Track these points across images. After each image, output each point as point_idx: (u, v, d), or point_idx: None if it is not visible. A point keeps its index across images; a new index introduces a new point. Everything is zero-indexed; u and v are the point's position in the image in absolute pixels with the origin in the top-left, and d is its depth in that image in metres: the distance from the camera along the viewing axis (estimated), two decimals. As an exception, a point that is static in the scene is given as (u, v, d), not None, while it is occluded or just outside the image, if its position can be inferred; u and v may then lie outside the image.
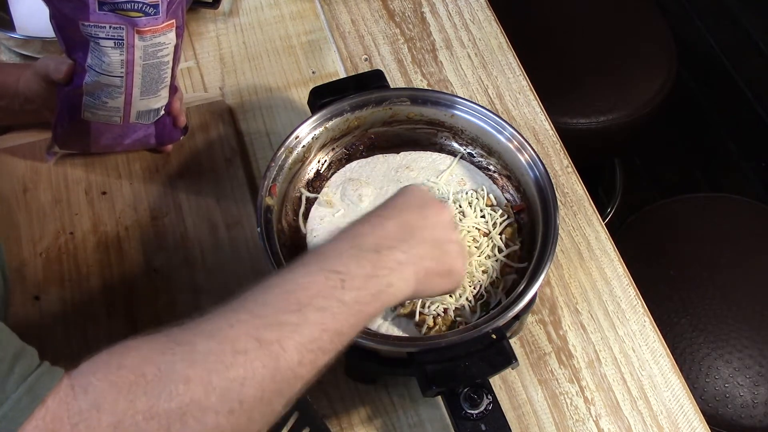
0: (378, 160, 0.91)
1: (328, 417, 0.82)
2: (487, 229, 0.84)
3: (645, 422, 0.83)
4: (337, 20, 1.14)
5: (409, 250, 0.63)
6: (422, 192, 0.70)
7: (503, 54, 1.12)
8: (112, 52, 0.80)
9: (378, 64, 1.10)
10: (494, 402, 0.70)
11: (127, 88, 0.84)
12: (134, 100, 0.86)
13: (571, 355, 0.87)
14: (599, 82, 1.46)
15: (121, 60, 0.81)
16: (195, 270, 0.89)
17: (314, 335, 0.55)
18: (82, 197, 0.94)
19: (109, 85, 0.83)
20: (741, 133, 2.05)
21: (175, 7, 0.81)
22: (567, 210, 0.97)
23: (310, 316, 0.55)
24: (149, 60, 0.82)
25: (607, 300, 0.91)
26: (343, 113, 0.88)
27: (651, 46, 1.51)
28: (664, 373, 0.86)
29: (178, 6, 0.82)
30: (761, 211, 1.33)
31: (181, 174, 0.97)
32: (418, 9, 1.16)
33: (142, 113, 0.89)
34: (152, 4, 0.78)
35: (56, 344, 0.83)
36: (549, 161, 1.01)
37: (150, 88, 0.86)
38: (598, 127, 1.42)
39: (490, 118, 0.88)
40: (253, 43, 1.12)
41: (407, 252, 0.62)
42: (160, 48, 0.82)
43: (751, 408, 1.12)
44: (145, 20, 0.78)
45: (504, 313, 0.73)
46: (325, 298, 0.57)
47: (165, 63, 0.85)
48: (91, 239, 0.91)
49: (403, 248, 0.62)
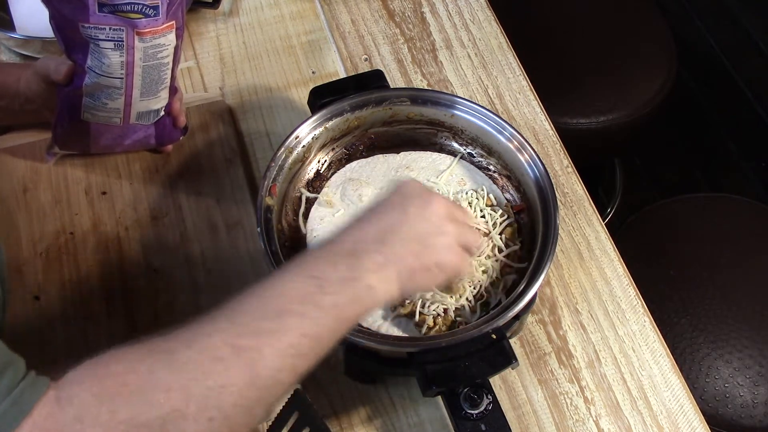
0: (378, 160, 0.91)
1: (328, 417, 0.82)
2: (487, 229, 0.84)
3: (645, 422, 0.83)
4: (337, 20, 1.14)
5: (388, 251, 0.62)
6: (411, 187, 0.68)
7: (503, 54, 1.12)
8: (112, 54, 0.80)
9: (378, 64, 1.10)
10: (494, 402, 0.70)
11: (127, 90, 0.84)
12: (134, 101, 0.86)
13: (571, 355, 0.87)
14: (599, 82, 1.46)
15: (121, 61, 0.81)
16: (195, 270, 0.89)
17: (293, 341, 0.55)
18: (82, 197, 0.94)
19: (109, 87, 0.83)
20: (741, 133, 2.05)
21: (175, 9, 0.81)
22: (567, 210, 0.97)
23: (287, 322, 0.55)
24: (149, 61, 0.82)
25: (607, 300, 0.91)
26: (343, 113, 0.88)
27: (651, 46, 1.51)
28: (664, 373, 0.86)
29: (178, 7, 0.81)
30: (761, 211, 1.33)
31: (181, 174, 0.97)
32: (418, 9, 1.16)
33: (142, 114, 0.89)
34: (152, 6, 0.78)
35: (56, 344, 0.83)
36: (549, 161, 1.01)
37: (150, 89, 0.86)
38: (598, 127, 1.42)
39: (490, 118, 0.88)
40: (253, 43, 1.12)
41: (385, 253, 0.62)
42: (160, 49, 0.82)
43: (751, 408, 1.12)
44: (145, 22, 0.78)
45: (504, 313, 0.73)
46: (303, 303, 0.56)
47: (165, 64, 0.84)
48: (91, 239, 0.91)
49: (381, 249, 0.62)
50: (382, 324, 0.79)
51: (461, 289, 0.79)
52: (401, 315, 0.79)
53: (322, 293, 0.57)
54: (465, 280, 0.80)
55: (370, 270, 0.60)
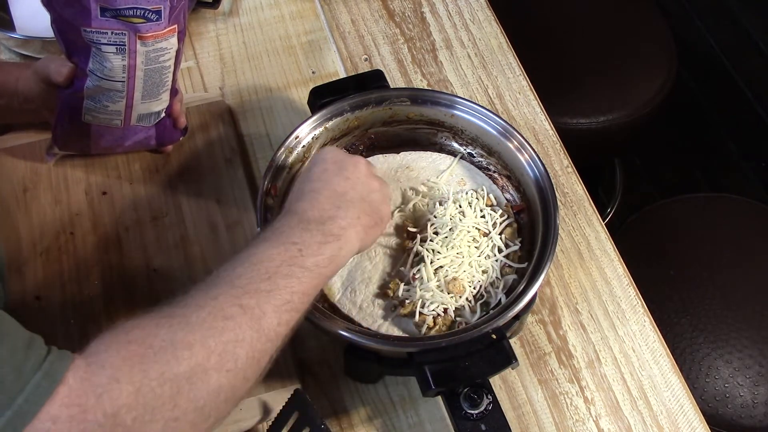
0: (378, 160, 0.91)
1: (328, 417, 0.82)
2: (486, 229, 0.84)
3: (645, 422, 0.83)
4: (337, 20, 1.14)
5: (346, 215, 0.71)
6: (333, 154, 0.77)
7: (503, 54, 1.12)
8: (114, 58, 0.80)
9: (378, 64, 1.10)
10: (494, 402, 0.70)
11: (128, 93, 0.84)
12: (135, 103, 0.86)
13: (571, 355, 0.87)
14: (599, 82, 1.46)
15: (123, 65, 0.80)
16: (195, 270, 0.89)
17: (286, 298, 0.63)
18: (82, 197, 0.94)
19: (111, 90, 0.83)
20: (741, 133, 2.05)
21: (177, 13, 0.81)
22: (567, 210, 0.97)
23: (279, 282, 0.63)
24: (151, 65, 0.82)
25: (607, 300, 0.91)
26: (343, 113, 0.88)
27: (651, 46, 1.51)
28: (664, 373, 0.86)
29: (180, 11, 0.81)
30: (761, 211, 1.33)
31: (181, 174, 0.97)
32: (418, 9, 1.16)
33: (143, 116, 0.89)
34: (155, 11, 0.77)
35: (56, 344, 0.83)
36: (549, 161, 1.01)
37: (151, 91, 0.86)
38: (598, 127, 1.42)
39: (490, 118, 0.88)
40: (253, 43, 1.12)
41: (345, 217, 0.71)
42: (162, 53, 0.82)
43: (751, 408, 1.12)
44: (148, 26, 0.78)
45: (504, 313, 0.73)
46: (289, 266, 0.64)
47: (167, 67, 0.84)
48: (91, 239, 0.91)
49: (341, 215, 0.70)
50: (382, 324, 0.79)
51: (461, 289, 0.79)
52: (401, 315, 0.79)
53: (303, 256, 0.65)
54: (464, 281, 0.80)
55: (338, 234, 0.69)
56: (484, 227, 0.84)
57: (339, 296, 0.81)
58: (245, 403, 0.79)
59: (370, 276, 0.82)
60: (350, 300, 0.81)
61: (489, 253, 0.83)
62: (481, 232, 0.84)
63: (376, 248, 0.84)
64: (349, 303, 0.81)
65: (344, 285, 0.82)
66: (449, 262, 0.80)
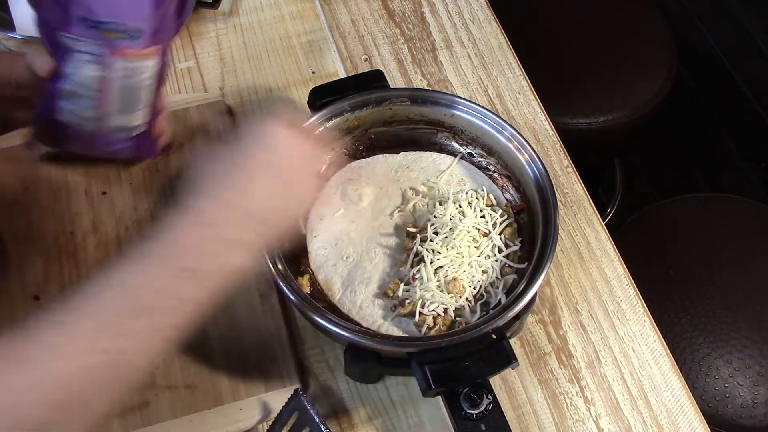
0: (378, 160, 0.91)
1: (328, 417, 0.82)
2: (486, 229, 0.84)
3: (645, 422, 0.83)
4: (337, 20, 1.14)
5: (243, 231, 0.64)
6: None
7: (503, 54, 1.12)
8: (88, 67, 0.79)
9: (378, 64, 1.10)
10: (494, 402, 0.70)
11: (102, 103, 0.83)
12: (108, 115, 0.85)
13: (571, 355, 0.87)
14: (599, 82, 1.46)
15: (96, 76, 0.80)
16: (195, 270, 0.89)
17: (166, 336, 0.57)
18: (82, 197, 0.94)
19: (84, 96, 0.82)
20: (741, 133, 2.05)
21: (161, 35, 0.80)
22: (567, 210, 0.97)
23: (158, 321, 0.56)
24: (128, 81, 0.82)
25: (607, 300, 0.91)
26: (343, 113, 0.88)
27: (651, 46, 1.51)
28: (664, 373, 0.86)
29: (167, 33, 0.81)
30: (761, 211, 1.33)
31: (181, 174, 0.97)
32: (418, 9, 1.16)
33: (118, 128, 0.88)
34: (135, 29, 0.77)
35: (56, 344, 0.83)
36: (549, 161, 1.01)
37: (128, 106, 0.85)
38: (598, 127, 1.42)
39: (490, 118, 0.88)
40: (253, 43, 1.12)
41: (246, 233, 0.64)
42: (139, 72, 0.81)
43: (751, 408, 1.12)
44: (126, 43, 0.78)
45: (504, 313, 0.73)
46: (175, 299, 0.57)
47: (146, 86, 0.83)
48: (91, 239, 0.91)
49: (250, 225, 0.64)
50: (382, 324, 0.79)
51: (461, 289, 0.79)
52: (401, 315, 0.79)
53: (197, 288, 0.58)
54: (465, 281, 0.80)
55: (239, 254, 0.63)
56: (484, 227, 0.84)
57: (339, 296, 0.81)
58: (245, 403, 0.80)
59: (370, 276, 0.82)
60: (350, 300, 0.81)
61: (489, 253, 0.83)
62: (481, 232, 0.84)
63: (376, 248, 0.84)
64: (349, 303, 0.81)
65: (344, 285, 0.82)
66: (449, 262, 0.80)
